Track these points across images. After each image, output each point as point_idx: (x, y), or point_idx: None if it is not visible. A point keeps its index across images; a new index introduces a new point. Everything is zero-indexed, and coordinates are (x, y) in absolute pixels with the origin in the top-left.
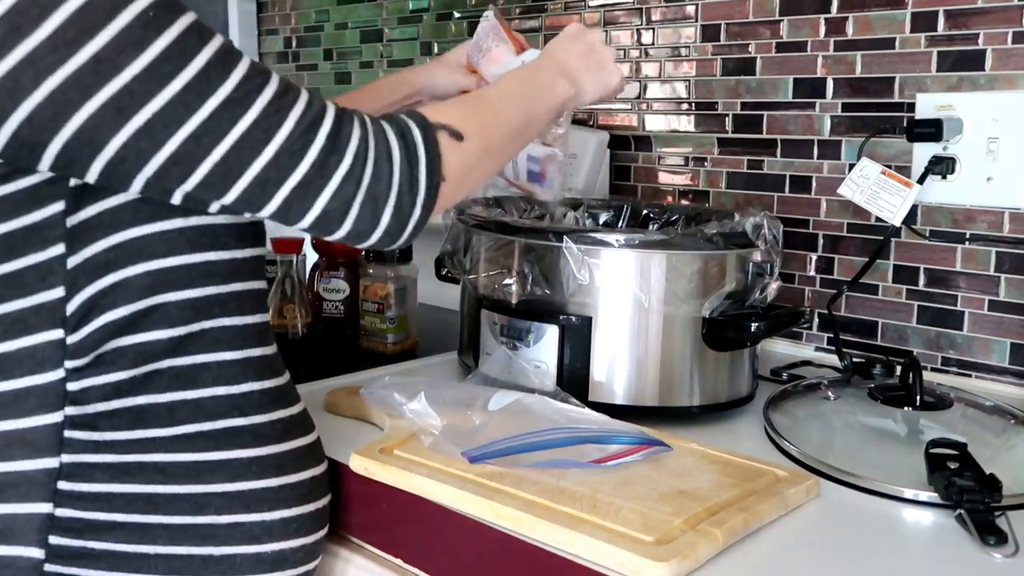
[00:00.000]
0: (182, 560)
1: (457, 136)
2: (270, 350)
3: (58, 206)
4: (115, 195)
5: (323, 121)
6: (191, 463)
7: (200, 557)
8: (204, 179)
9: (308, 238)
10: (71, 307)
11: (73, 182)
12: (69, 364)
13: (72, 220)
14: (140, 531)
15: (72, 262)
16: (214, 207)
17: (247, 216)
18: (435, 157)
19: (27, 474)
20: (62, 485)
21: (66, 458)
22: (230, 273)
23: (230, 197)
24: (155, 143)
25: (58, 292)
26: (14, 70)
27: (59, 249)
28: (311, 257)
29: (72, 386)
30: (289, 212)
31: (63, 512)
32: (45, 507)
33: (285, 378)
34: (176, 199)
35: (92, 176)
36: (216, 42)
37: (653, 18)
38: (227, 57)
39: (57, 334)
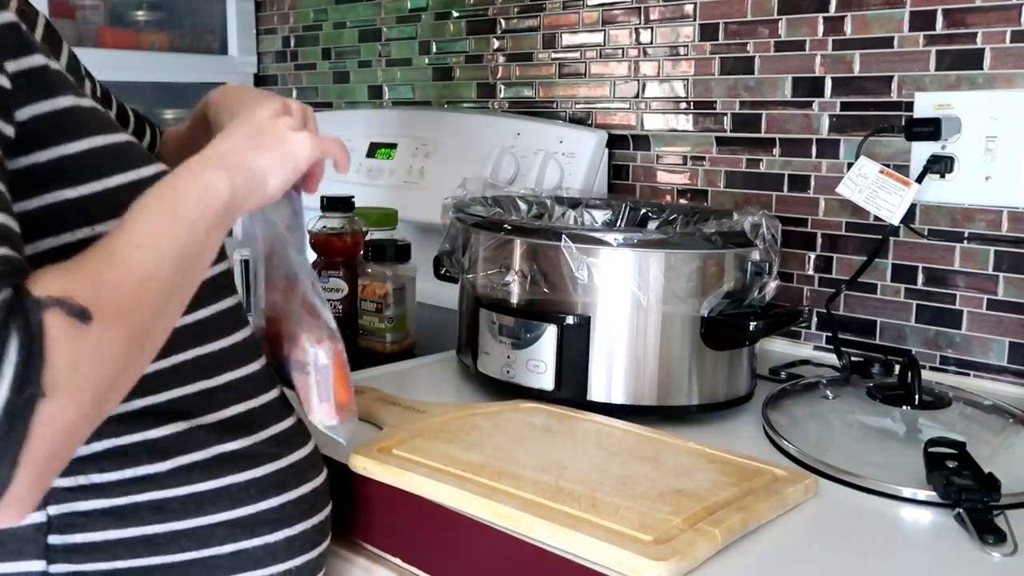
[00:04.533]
0: None
1: (82, 315)
2: (253, 367)
3: None
4: None
5: None
6: (188, 496)
7: None
8: None
9: (306, 236)
10: None
11: None
12: None
13: None
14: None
15: None
16: None
17: None
18: (35, 354)
19: (12, 531)
20: (53, 539)
21: (53, 510)
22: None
23: None
24: None
25: None
26: None
27: None
28: (309, 256)
29: None
30: None
31: (58, 568)
32: (37, 565)
33: (273, 392)
34: None
35: None
36: None
37: (651, 17)
38: None
39: None
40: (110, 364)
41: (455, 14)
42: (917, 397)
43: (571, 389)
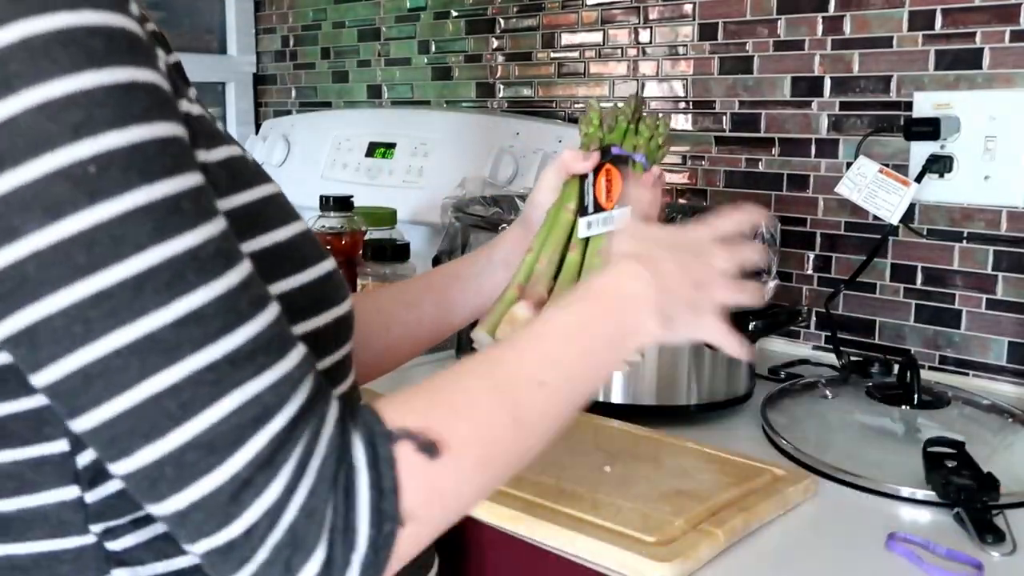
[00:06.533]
0: None
1: (430, 449)
2: None
3: None
4: None
5: (275, 415)
6: None
7: None
8: (90, 433)
9: None
10: (81, 460)
11: None
12: (96, 527)
13: None
14: None
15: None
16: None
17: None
18: (388, 490)
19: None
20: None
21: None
22: None
23: (118, 470)
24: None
25: (61, 445)
26: None
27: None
28: None
29: (113, 546)
30: (181, 527)
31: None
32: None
33: None
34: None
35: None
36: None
37: (650, 17)
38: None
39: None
40: (462, 494)
41: (454, 13)
42: (916, 397)
43: None
